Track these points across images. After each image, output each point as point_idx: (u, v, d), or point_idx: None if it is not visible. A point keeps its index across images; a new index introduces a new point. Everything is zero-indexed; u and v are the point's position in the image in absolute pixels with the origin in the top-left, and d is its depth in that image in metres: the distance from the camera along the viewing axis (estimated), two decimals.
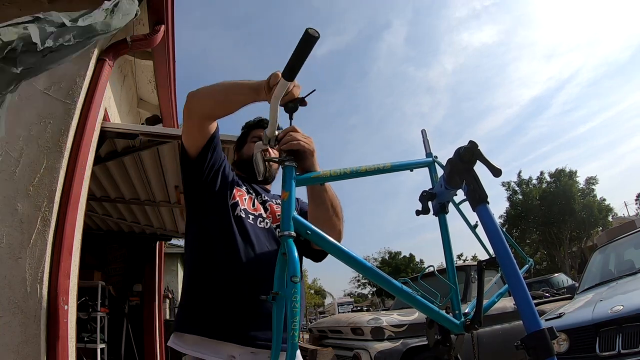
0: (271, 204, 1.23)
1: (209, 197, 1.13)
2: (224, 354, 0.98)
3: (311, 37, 0.73)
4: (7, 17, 2.15)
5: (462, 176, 0.94)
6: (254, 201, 1.19)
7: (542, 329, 0.71)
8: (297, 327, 0.73)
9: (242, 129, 1.38)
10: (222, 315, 1.01)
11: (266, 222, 1.17)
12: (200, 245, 1.11)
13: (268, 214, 1.20)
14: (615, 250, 3.97)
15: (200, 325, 1.01)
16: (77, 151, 1.87)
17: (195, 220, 1.16)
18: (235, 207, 1.13)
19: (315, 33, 0.73)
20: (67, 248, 1.70)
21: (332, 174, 0.97)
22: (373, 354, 3.49)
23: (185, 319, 1.06)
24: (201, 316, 1.02)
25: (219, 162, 1.16)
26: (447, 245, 1.16)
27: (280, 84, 0.82)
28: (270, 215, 1.20)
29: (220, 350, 0.99)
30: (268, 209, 1.21)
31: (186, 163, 1.15)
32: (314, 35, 0.73)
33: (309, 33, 0.73)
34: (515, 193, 26.99)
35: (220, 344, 0.99)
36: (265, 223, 1.17)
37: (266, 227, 1.16)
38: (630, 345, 2.26)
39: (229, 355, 0.99)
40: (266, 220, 1.18)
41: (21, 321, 1.52)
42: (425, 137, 1.35)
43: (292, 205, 0.84)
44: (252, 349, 1.00)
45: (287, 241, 0.79)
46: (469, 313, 1.03)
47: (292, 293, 0.73)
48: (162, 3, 2.40)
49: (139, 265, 5.24)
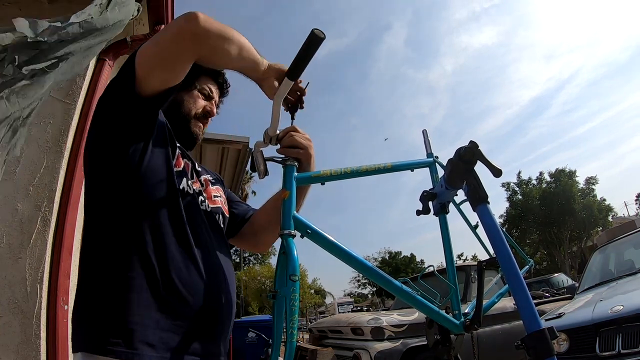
0: (206, 178, 0.97)
1: (143, 155, 0.78)
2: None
3: (317, 37, 0.74)
4: (7, 17, 2.15)
5: (462, 176, 0.94)
6: (192, 172, 0.90)
7: (542, 329, 0.71)
8: (295, 325, 0.73)
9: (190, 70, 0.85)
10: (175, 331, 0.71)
11: (206, 203, 0.90)
12: (126, 227, 0.75)
13: (205, 191, 0.93)
14: (615, 250, 3.97)
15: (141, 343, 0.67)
16: (77, 151, 1.87)
17: (114, 187, 0.77)
18: (181, 176, 0.83)
19: (321, 34, 0.74)
20: (67, 248, 1.70)
21: (332, 174, 0.97)
22: (373, 354, 3.49)
23: (106, 331, 0.67)
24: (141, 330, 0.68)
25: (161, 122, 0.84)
26: (448, 245, 1.16)
27: (284, 83, 0.82)
28: (207, 194, 0.93)
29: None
30: (204, 184, 0.94)
31: (125, 95, 0.75)
32: (320, 36, 0.74)
33: (314, 34, 0.73)
34: (515, 193, 27.02)
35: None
36: (205, 205, 0.89)
37: (207, 209, 0.89)
38: (630, 345, 2.26)
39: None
40: (205, 201, 0.90)
41: (21, 321, 1.52)
42: (426, 137, 1.35)
43: (293, 204, 0.84)
44: None
45: (287, 240, 0.79)
46: (468, 313, 1.04)
47: (291, 292, 0.73)
48: (162, 3, 2.40)
49: None
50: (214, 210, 0.93)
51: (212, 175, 1.02)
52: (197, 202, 0.86)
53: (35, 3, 2.18)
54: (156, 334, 0.69)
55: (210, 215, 0.90)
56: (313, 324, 5.36)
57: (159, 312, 0.71)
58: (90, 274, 0.76)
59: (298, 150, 0.92)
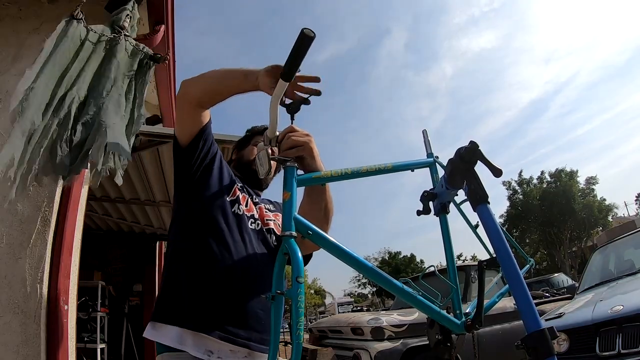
0: (261, 206, 1.22)
1: (203, 189, 1.10)
2: (202, 348, 0.95)
3: (307, 37, 0.74)
4: (7, 16, 2.15)
5: (462, 176, 0.94)
6: (248, 201, 1.18)
7: (542, 329, 0.71)
8: (301, 326, 0.73)
9: (246, 132, 1.37)
10: (207, 308, 0.97)
11: (257, 223, 1.17)
12: (191, 237, 1.07)
13: (258, 216, 1.19)
14: (615, 250, 3.97)
15: (182, 317, 0.97)
16: None
17: (186, 210, 1.12)
18: (234, 203, 1.12)
19: (311, 33, 0.73)
20: (67, 248, 1.70)
21: (333, 175, 0.97)
22: (373, 354, 3.49)
23: (165, 309, 1.01)
24: (185, 307, 0.98)
25: (212, 153, 1.14)
26: (448, 245, 1.16)
27: (279, 85, 0.82)
28: (259, 217, 1.19)
29: (199, 344, 0.95)
30: (258, 211, 1.20)
31: (178, 152, 1.13)
32: (310, 35, 0.74)
33: (304, 33, 0.73)
34: (515, 193, 27.02)
35: (200, 337, 0.95)
36: (256, 224, 1.16)
37: (257, 228, 1.15)
38: (630, 345, 2.26)
39: (206, 350, 0.95)
40: (257, 222, 1.17)
41: (21, 321, 1.52)
42: (426, 137, 1.35)
43: (294, 206, 0.84)
44: (232, 347, 0.97)
45: (289, 241, 0.79)
46: (469, 313, 1.04)
47: (298, 293, 0.73)
48: (162, 3, 2.40)
49: (139, 265, 5.24)
50: (266, 230, 1.17)
51: (273, 205, 1.29)
52: (247, 222, 1.12)
53: (36, 3, 2.18)
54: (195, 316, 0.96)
55: (261, 233, 1.14)
56: (313, 324, 5.36)
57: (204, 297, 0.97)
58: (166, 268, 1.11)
59: (298, 149, 0.94)
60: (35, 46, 2.06)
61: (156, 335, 1.00)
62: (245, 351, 0.98)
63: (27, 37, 2.09)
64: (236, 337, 0.96)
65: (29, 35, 2.10)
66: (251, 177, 1.26)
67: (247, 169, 1.27)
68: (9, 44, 2.04)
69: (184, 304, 0.98)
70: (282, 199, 0.85)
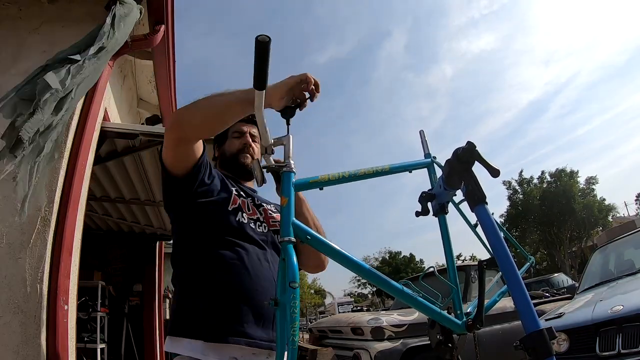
0: (265, 207, 1.21)
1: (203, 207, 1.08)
2: (225, 356, 0.97)
3: (262, 43, 0.73)
4: (7, 16, 2.15)
5: (460, 177, 0.94)
6: (248, 205, 1.17)
7: (540, 330, 0.71)
8: (296, 332, 0.73)
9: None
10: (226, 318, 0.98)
11: (264, 225, 1.16)
12: (200, 250, 1.06)
13: (263, 217, 1.18)
14: (615, 250, 3.97)
15: (203, 330, 0.97)
16: (77, 151, 1.87)
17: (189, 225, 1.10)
18: (237, 211, 1.11)
19: (265, 38, 0.73)
20: (67, 248, 1.70)
21: (330, 178, 0.97)
22: (373, 354, 3.49)
23: (184, 323, 1.01)
24: (204, 320, 0.98)
25: (208, 173, 1.11)
26: (448, 245, 1.16)
27: (256, 96, 0.81)
28: (265, 219, 1.18)
29: (222, 353, 0.97)
30: (263, 213, 1.19)
31: (170, 182, 1.08)
32: (265, 41, 0.73)
33: (259, 40, 0.73)
34: (515, 192, 26.99)
35: (222, 346, 0.97)
36: (263, 227, 1.15)
37: (264, 231, 1.15)
38: (630, 345, 2.26)
39: (230, 357, 0.97)
40: (264, 224, 1.16)
41: (21, 321, 1.52)
42: (423, 138, 1.35)
43: (292, 211, 0.84)
44: (254, 350, 0.99)
45: (286, 247, 0.79)
46: (470, 313, 1.04)
47: (291, 299, 0.73)
48: (162, 3, 2.40)
49: (139, 265, 5.24)
50: (273, 230, 1.16)
51: (273, 206, 1.27)
52: (252, 227, 1.12)
53: (36, 3, 2.18)
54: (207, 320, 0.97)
55: (269, 234, 1.15)
56: (313, 324, 5.36)
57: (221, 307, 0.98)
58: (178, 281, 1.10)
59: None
60: (35, 46, 2.06)
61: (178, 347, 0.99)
62: (266, 352, 1.01)
63: (27, 37, 2.09)
64: (260, 340, 0.99)
65: (29, 35, 2.10)
66: (241, 172, 1.23)
67: (233, 164, 1.23)
68: (9, 44, 2.04)
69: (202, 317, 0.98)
70: (280, 204, 0.85)
